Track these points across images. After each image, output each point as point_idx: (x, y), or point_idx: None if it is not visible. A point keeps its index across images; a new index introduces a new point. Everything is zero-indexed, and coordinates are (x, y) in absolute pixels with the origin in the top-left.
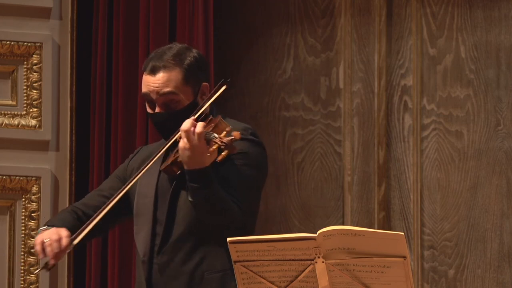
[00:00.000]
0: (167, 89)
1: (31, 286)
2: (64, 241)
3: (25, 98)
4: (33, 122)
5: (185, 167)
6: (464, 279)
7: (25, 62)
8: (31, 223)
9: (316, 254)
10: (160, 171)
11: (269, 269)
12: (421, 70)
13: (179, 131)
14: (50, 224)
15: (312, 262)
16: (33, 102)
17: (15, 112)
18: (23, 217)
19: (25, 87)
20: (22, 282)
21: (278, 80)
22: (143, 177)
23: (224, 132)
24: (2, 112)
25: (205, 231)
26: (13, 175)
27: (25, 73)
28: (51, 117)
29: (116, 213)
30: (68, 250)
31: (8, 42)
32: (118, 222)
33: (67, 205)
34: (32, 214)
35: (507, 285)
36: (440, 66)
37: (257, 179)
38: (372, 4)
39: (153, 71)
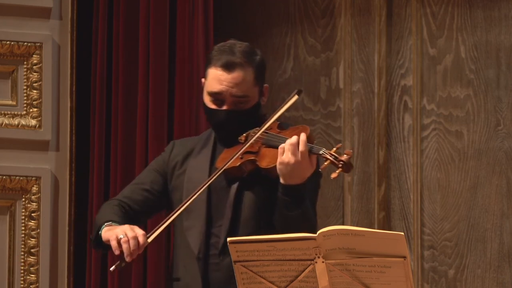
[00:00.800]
0: (241, 93)
1: (31, 286)
2: (141, 239)
3: (25, 98)
4: (33, 122)
5: (283, 181)
6: (464, 279)
7: (25, 62)
8: (31, 223)
9: (316, 254)
10: (210, 168)
11: (269, 269)
12: (421, 70)
13: (250, 133)
14: (109, 220)
15: (312, 262)
16: (33, 102)
17: (15, 112)
18: (23, 217)
19: (25, 87)
20: (22, 282)
21: (278, 80)
22: (190, 172)
23: (335, 149)
24: (2, 112)
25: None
26: (13, 175)
27: (25, 73)
28: (51, 117)
29: (156, 207)
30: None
31: (8, 42)
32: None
33: (67, 205)
34: (32, 214)
35: (507, 285)
36: (440, 66)
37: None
38: (372, 4)
39: (228, 67)
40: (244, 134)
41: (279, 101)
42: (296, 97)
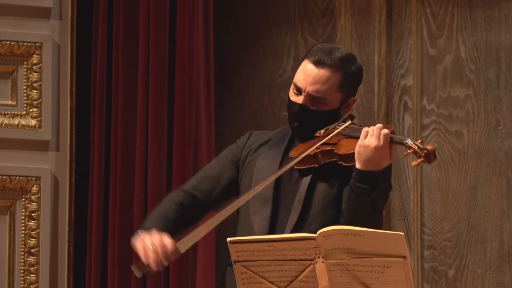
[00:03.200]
0: (319, 94)
1: (31, 286)
2: (169, 248)
3: (25, 98)
4: (33, 122)
5: (359, 166)
6: (464, 279)
7: (25, 62)
8: (31, 223)
9: (316, 254)
10: (283, 158)
11: (269, 269)
12: (421, 70)
13: (329, 128)
14: (148, 226)
15: (312, 262)
16: (33, 102)
17: (15, 112)
18: (23, 217)
19: (25, 87)
20: (22, 282)
21: (278, 80)
22: (262, 160)
23: (419, 140)
24: (2, 112)
25: None
26: (13, 175)
27: (25, 73)
28: (51, 117)
29: (223, 196)
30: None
31: (8, 42)
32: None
33: (67, 205)
34: (32, 214)
35: (507, 285)
36: (440, 66)
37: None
38: (372, 4)
39: (318, 64)
40: (323, 130)
41: (279, 101)
42: (349, 122)
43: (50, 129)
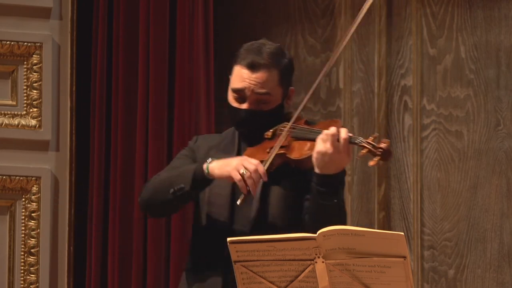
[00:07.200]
0: (264, 90)
1: (31, 286)
2: (261, 168)
3: (25, 98)
4: (33, 122)
5: (318, 171)
6: (464, 279)
7: (25, 62)
8: (31, 223)
9: (316, 254)
10: None
11: (269, 269)
12: (421, 70)
13: (278, 128)
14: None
15: (312, 262)
16: (33, 102)
17: (15, 112)
18: (23, 217)
19: (25, 87)
20: (22, 282)
21: None
22: None
23: (371, 137)
24: (2, 112)
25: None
26: (13, 175)
27: (25, 73)
28: (51, 117)
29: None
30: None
31: (8, 42)
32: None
33: (67, 205)
34: (32, 214)
35: (507, 285)
36: (440, 66)
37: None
38: (372, 4)
39: (253, 67)
40: (271, 130)
41: None
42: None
43: (50, 129)
